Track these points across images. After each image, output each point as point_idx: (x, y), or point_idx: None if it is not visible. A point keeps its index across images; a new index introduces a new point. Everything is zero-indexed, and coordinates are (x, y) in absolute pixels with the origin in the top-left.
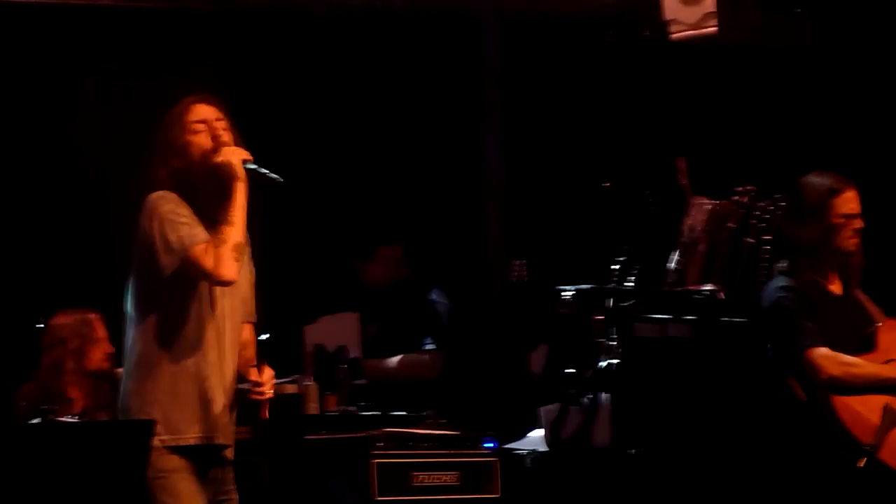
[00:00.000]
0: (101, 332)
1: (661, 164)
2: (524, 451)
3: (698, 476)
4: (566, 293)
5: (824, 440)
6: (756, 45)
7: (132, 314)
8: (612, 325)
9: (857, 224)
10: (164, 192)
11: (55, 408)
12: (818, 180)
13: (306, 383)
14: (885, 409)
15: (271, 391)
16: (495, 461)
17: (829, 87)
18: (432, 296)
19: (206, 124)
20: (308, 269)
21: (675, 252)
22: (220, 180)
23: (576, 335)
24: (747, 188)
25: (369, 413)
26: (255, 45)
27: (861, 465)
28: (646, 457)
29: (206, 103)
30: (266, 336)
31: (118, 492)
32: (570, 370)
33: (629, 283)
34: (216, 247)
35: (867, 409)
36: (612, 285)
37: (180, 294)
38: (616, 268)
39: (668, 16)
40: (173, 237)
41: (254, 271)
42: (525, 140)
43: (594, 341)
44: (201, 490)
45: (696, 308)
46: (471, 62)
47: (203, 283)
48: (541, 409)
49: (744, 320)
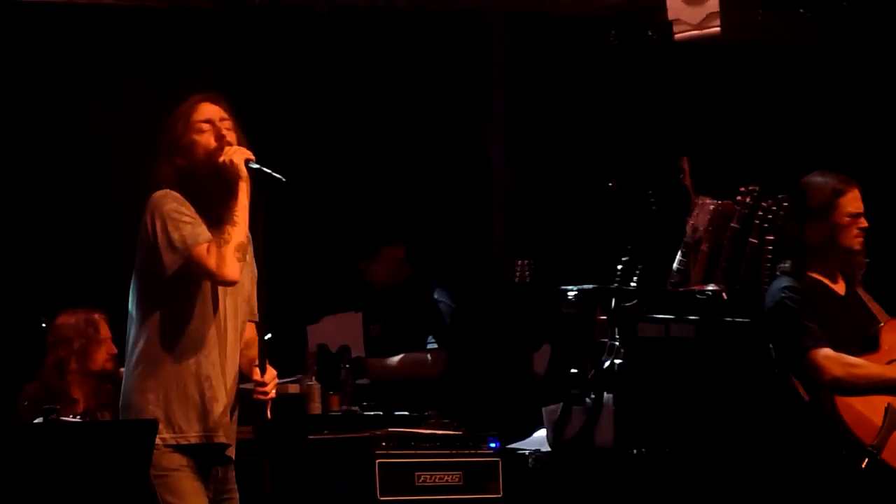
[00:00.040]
0: (106, 332)
1: (665, 165)
2: (527, 451)
3: (701, 476)
4: (570, 293)
5: (827, 441)
6: (759, 46)
7: (134, 312)
8: (616, 325)
9: (861, 223)
10: (168, 190)
11: (58, 407)
12: (824, 180)
13: (309, 383)
14: (887, 409)
15: (274, 391)
16: (498, 461)
17: (833, 88)
18: (436, 296)
19: (211, 124)
20: (311, 268)
21: (679, 252)
22: (224, 180)
23: (579, 335)
24: (750, 188)
25: (372, 413)
26: (259, 45)
27: (864, 465)
28: (649, 457)
29: (212, 102)
30: (269, 336)
31: (121, 492)
32: (573, 370)
33: (632, 283)
34: (219, 246)
35: (870, 410)
36: (616, 285)
37: (183, 293)
38: (619, 268)
39: (671, 16)
40: (176, 236)
41: (256, 271)
42: (529, 140)
43: (597, 341)
44: (203, 489)
45: (699, 308)
46: (474, 62)
47: (206, 283)
48: (544, 409)
49: (747, 320)
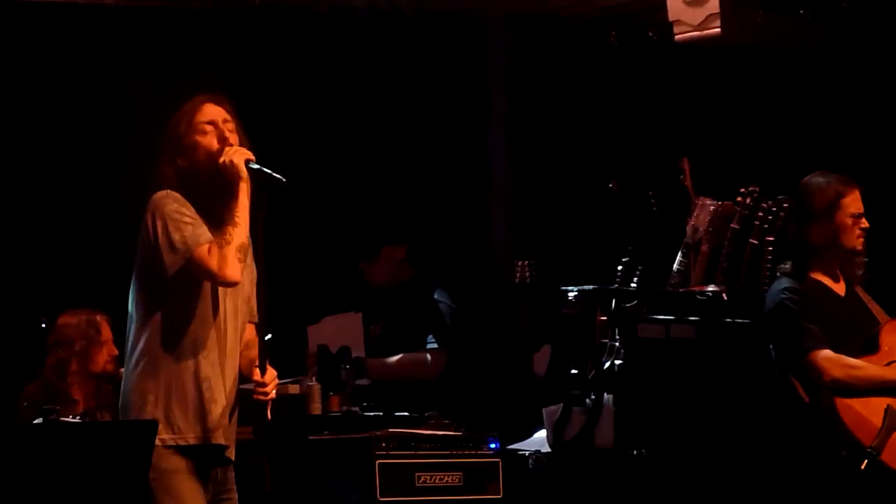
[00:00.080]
0: (107, 333)
1: (665, 165)
2: (527, 452)
3: (701, 477)
4: (570, 294)
5: (827, 442)
6: (760, 47)
7: (134, 313)
8: (616, 326)
9: (863, 224)
10: (168, 191)
11: (57, 408)
12: (826, 181)
13: (309, 384)
14: (886, 410)
15: (274, 391)
16: (498, 462)
17: (833, 89)
18: (436, 296)
19: (214, 125)
20: (312, 269)
21: (679, 253)
22: (224, 180)
23: (579, 336)
24: (751, 189)
25: (372, 413)
26: (259, 45)
27: (863, 466)
28: (649, 458)
29: (216, 103)
30: (269, 336)
31: (121, 492)
32: (573, 371)
33: (633, 284)
34: (221, 247)
35: (869, 412)
36: (616, 286)
37: (183, 294)
38: (620, 268)
39: (672, 17)
40: (177, 237)
41: (255, 272)
42: (529, 140)
43: (598, 342)
44: (201, 491)
45: (699, 309)
46: (475, 62)
47: (206, 284)
48: (544, 409)
49: (747, 321)
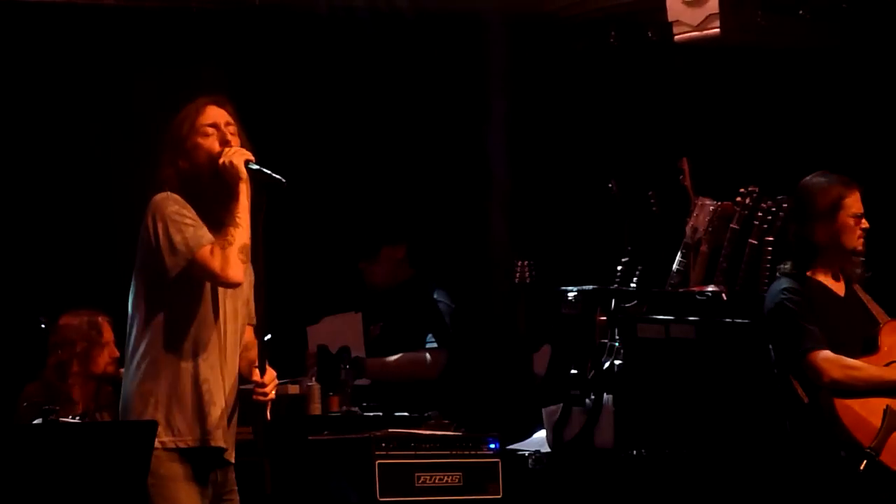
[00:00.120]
0: (109, 335)
1: (665, 166)
2: (527, 452)
3: (701, 477)
4: (570, 294)
5: (826, 442)
6: (759, 47)
7: (134, 314)
8: (616, 326)
9: (864, 224)
10: (169, 193)
11: (57, 408)
12: (828, 181)
13: (309, 384)
14: (886, 411)
15: (274, 392)
16: (498, 462)
17: (832, 89)
18: (435, 296)
19: (216, 128)
20: (311, 269)
21: (679, 253)
22: (224, 182)
23: (579, 336)
24: (750, 189)
25: (372, 414)
26: (259, 46)
27: (862, 467)
28: (649, 458)
29: (218, 105)
30: (269, 336)
31: (120, 493)
32: (573, 371)
33: (632, 284)
34: (223, 248)
35: (868, 412)
36: (616, 286)
37: (183, 296)
38: (619, 268)
39: (671, 17)
40: (179, 238)
41: (253, 274)
42: (529, 141)
43: (597, 342)
44: (199, 496)
45: (699, 309)
46: (475, 63)
47: (206, 286)
48: (544, 409)
49: (747, 321)
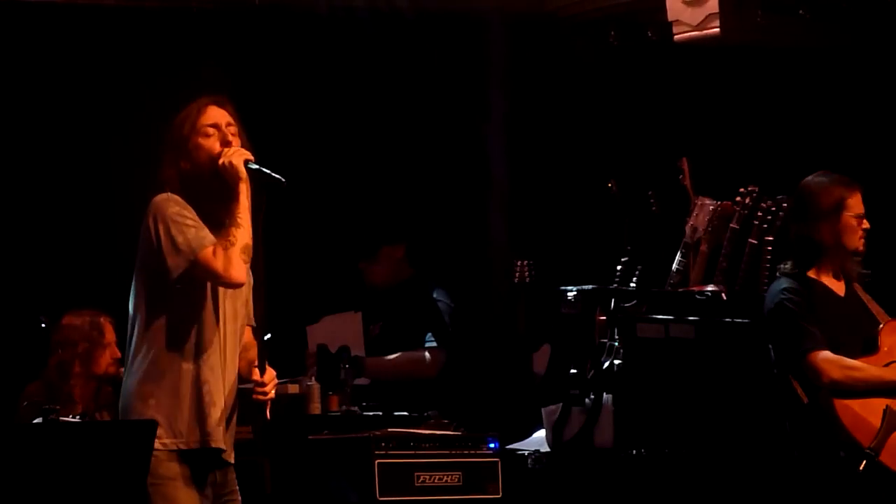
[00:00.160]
0: (110, 335)
1: (664, 165)
2: (527, 452)
3: (701, 477)
4: (569, 293)
5: (825, 442)
6: (759, 47)
7: (135, 315)
8: (615, 326)
9: (865, 224)
10: (169, 194)
11: (57, 408)
12: (830, 181)
13: (309, 383)
14: (885, 411)
15: (273, 391)
16: (498, 462)
17: (832, 89)
18: (435, 295)
19: (217, 128)
20: (311, 269)
21: (678, 253)
22: (225, 182)
23: (579, 336)
24: (750, 189)
25: (372, 413)
26: (259, 46)
27: (862, 467)
28: (648, 457)
29: (219, 106)
30: (269, 336)
31: (120, 492)
32: (572, 370)
33: (632, 284)
34: (225, 249)
35: (868, 412)
36: (615, 286)
37: (184, 297)
38: (619, 268)
39: (671, 17)
40: (181, 239)
41: (251, 274)
42: (529, 140)
43: (597, 342)
44: (199, 496)
45: (698, 309)
46: (474, 63)
47: (207, 287)
48: (543, 409)
49: (746, 321)
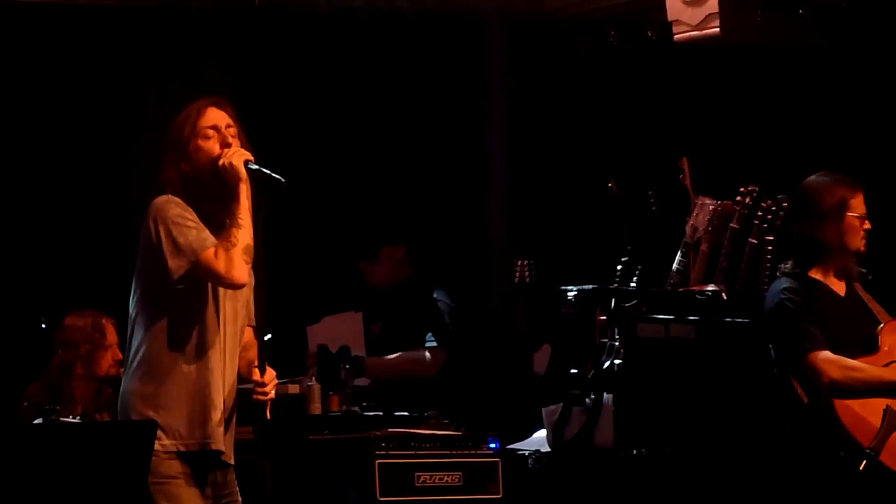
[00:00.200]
0: (112, 337)
1: (665, 165)
2: (527, 452)
3: (701, 477)
4: (570, 293)
5: (825, 442)
6: (759, 46)
7: (135, 317)
8: (616, 326)
9: (867, 225)
10: (170, 196)
11: (57, 408)
12: (833, 181)
13: (309, 384)
14: (885, 411)
15: (273, 391)
16: (498, 462)
17: (832, 88)
18: (435, 295)
19: (216, 130)
20: (311, 269)
21: (679, 252)
22: (224, 183)
23: (579, 335)
24: (750, 188)
25: (372, 413)
26: (259, 46)
27: (862, 467)
28: (649, 457)
29: (219, 107)
30: (269, 336)
31: (120, 492)
32: (573, 370)
33: (632, 284)
34: (226, 250)
35: (868, 412)
36: (616, 285)
37: (184, 299)
38: (619, 268)
39: (671, 17)
40: (182, 241)
41: (252, 275)
42: (529, 140)
43: (597, 342)
44: (200, 495)
45: (699, 308)
46: (474, 63)
47: (207, 288)
48: (544, 409)
49: (747, 321)
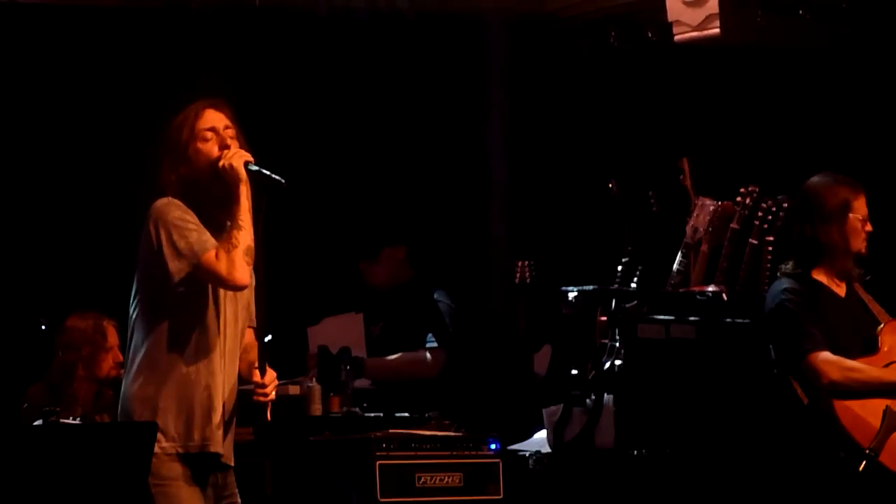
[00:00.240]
0: (114, 339)
1: (665, 166)
2: (528, 453)
3: (701, 477)
4: (570, 294)
5: (825, 443)
6: (759, 47)
7: (136, 319)
8: (616, 326)
9: (868, 227)
10: (170, 198)
11: (58, 410)
12: (835, 182)
13: (310, 385)
14: (885, 412)
15: (274, 392)
16: (499, 462)
17: (832, 89)
18: (435, 296)
19: (214, 132)
20: (312, 270)
21: (679, 253)
22: (224, 185)
23: (580, 336)
24: (750, 189)
25: (373, 414)
26: (259, 47)
27: (861, 468)
28: (649, 458)
29: (217, 109)
30: (269, 337)
31: (120, 494)
32: (573, 371)
33: (633, 284)
34: (228, 251)
35: (868, 413)
36: (616, 286)
37: (185, 301)
38: (620, 269)
39: (671, 17)
40: (183, 243)
41: (253, 275)
42: (529, 141)
43: (598, 342)
44: (201, 497)
45: (699, 309)
46: (474, 63)
47: (208, 291)
48: (544, 410)
49: (747, 321)
